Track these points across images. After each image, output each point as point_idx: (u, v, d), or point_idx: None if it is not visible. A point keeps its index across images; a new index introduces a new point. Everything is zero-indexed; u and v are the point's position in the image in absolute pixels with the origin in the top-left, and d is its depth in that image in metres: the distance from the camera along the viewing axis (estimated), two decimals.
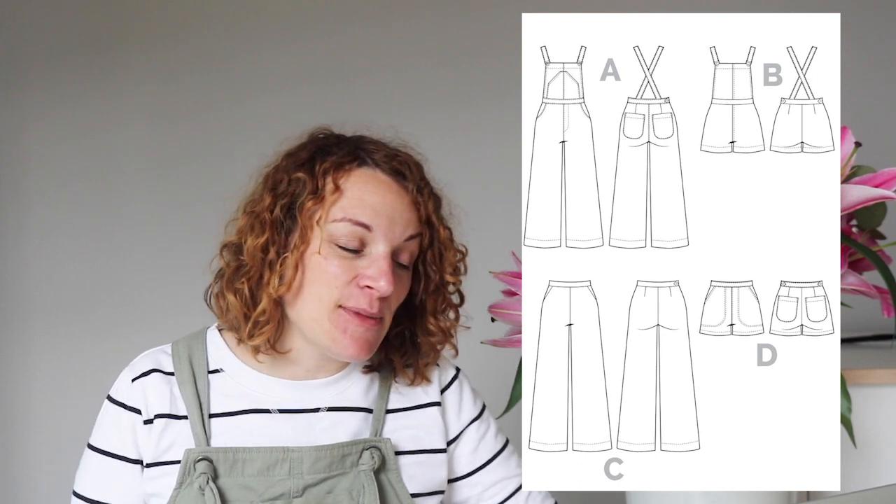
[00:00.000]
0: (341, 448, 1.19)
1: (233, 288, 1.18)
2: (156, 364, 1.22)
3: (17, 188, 2.25)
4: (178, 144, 2.26)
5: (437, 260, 1.23)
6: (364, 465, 1.19)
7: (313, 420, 1.21)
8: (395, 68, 2.26)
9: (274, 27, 2.28)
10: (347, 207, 1.16)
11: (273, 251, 1.16)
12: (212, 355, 1.23)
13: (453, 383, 1.30)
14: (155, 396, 1.19)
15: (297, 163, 1.19)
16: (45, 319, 2.25)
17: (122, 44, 2.27)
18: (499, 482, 1.29)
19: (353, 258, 1.16)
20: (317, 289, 1.16)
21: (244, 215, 1.19)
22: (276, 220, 1.17)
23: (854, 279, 1.27)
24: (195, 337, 1.25)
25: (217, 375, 1.21)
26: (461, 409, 1.29)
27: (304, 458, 1.17)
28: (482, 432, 1.30)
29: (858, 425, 1.34)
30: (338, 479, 1.18)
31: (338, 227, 1.16)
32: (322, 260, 1.16)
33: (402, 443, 1.23)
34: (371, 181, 1.18)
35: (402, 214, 1.19)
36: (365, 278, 1.16)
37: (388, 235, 1.17)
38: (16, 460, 2.25)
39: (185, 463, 1.15)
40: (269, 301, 1.16)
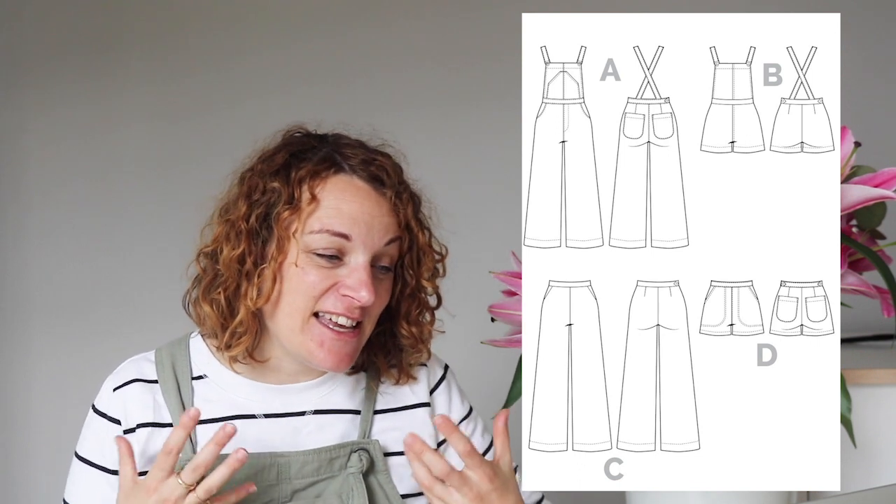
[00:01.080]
0: (329, 451, 1.18)
1: (209, 298, 1.17)
2: (138, 373, 1.20)
3: (17, 188, 2.25)
4: (179, 144, 2.26)
5: (414, 264, 1.21)
6: (353, 468, 1.18)
7: (299, 424, 1.20)
8: (395, 68, 2.26)
9: (274, 27, 2.28)
10: (324, 218, 1.14)
11: (250, 262, 1.15)
12: (195, 361, 1.22)
13: (442, 383, 1.29)
14: (135, 406, 1.18)
15: (272, 169, 1.17)
16: (45, 319, 2.25)
17: (122, 44, 2.27)
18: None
19: (331, 267, 1.15)
20: (293, 298, 1.15)
21: (220, 222, 1.18)
22: (252, 230, 1.15)
23: (854, 279, 1.27)
24: (178, 343, 1.24)
25: (201, 382, 1.21)
26: (451, 410, 1.28)
27: (291, 463, 1.16)
28: (471, 431, 1.30)
29: (858, 425, 1.34)
30: (327, 482, 1.18)
31: (315, 238, 1.14)
32: (300, 271, 1.14)
33: (390, 444, 1.22)
34: (348, 189, 1.16)
35: (381, 221, 1.17)
36: (345, 287, 1.14)
37: (367, 243, 1.15)
38: (16, 460, 2.25)
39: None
40: (246, 312, 1.15)
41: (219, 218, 1.18)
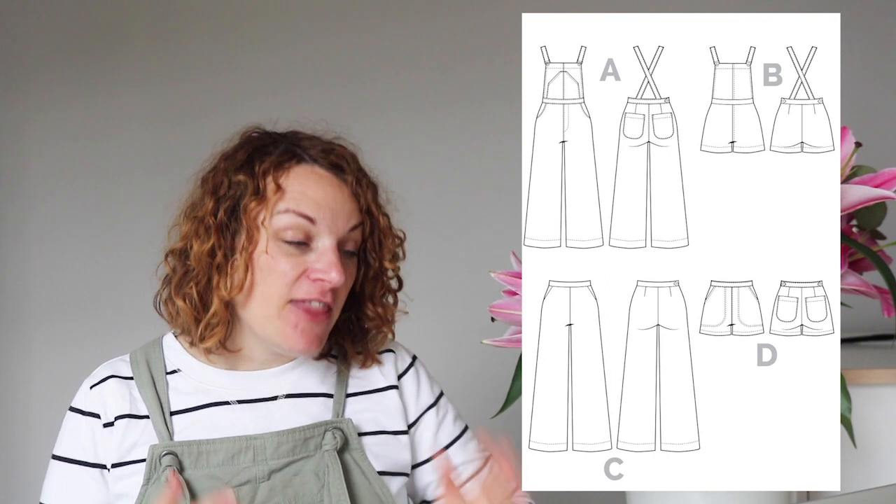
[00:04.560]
0: (303, 431, 1.21)
1: (181, 293, 1.20)
2: (113, 371, 1.25)
3: (17, 188, 2.25)
4: (178, 145, 2.25)
5: (376, 247, 1.25)
6: (327, 446, 1.21)
7: (272, 408, 1.23)
8: (394, 69, 2.26)
9: (275, 30, 2.28)
10: (290, 201, 1.18)
11: (220, 255, 1.18)
12: (168, 358, 1.26)
13: (409, 370, 1.33)
14: (113, 399, 1.22)
15: (236, 165, 1.21)
16: (45, 319, 2.25)
17: (122, 45, 2.27)
18: (459, 466, 1.31)
19: (300, 254, 1.18)
20: (266, 287, 1.18)
21: (187, 220, 1.21)
22: (221, 224, 1.19)
23: (854, 279, 1.27)
24: (151, 344, 1.28)
25: (175, 375, 1.24)
26: (419, 394, 1.32)
27: (266, 445, 1.19)
28: (441, 417, 1.32)
29: (858, 425, 1.34)
30: (303, 461, 1.20)
31: (282, 219, 1.17)
32: (270, 259, 1.18)
33: (363, 424, 1.26)
34: (311, 176, 1.21)
35: (344, 206, 1.21)
36: (315, 272, 1.18)
37: (332, 228, 1.19)
38: (16, 460, 2.25)
39: (151, 459, 1.17)
40: (220, 303, 1.18)
41: (185, 217, 1.22)
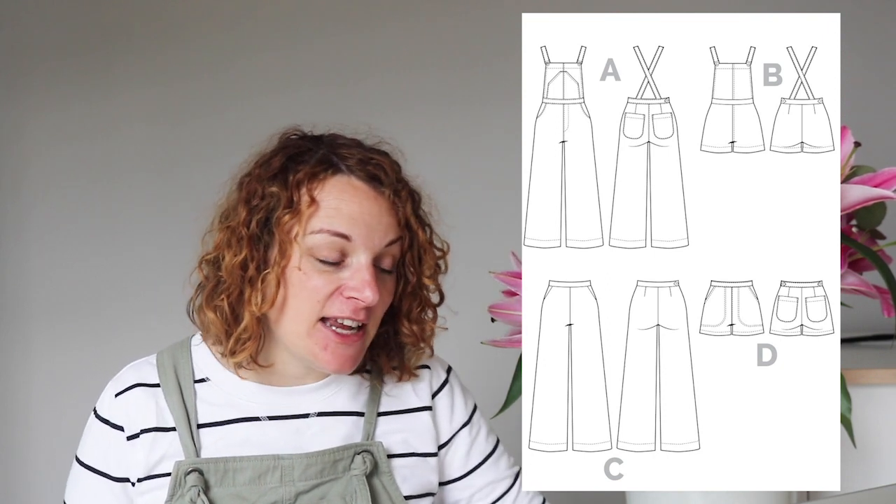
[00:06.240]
0: (332, 454, 1.18)
1: (212, 305, 1.16)
2: (139, 378, 1.20)
3: (17, 188, 2.25)
4: (179, 145, 2.26)
5: (415, 262, 1.20)
6: (356, 470, 1.18)
7: (302, 426, 1.20)
8: (394, 69, 2.26)
9: (275, 29, 2.28)
10: (324, 219, 1.14)
11: (252, 268, 1.14)
12: (197, 364, 1.22)
13: (444, 387, 1.29)
14: (138, 411, 1.18)
15: (270, 174, 1.16)
16: (45, 319, 2.25)
17: (122, 44, 2.27)
18: (489, 484, 1.29)
19: (334, 271, 1.14)
20: (299, 303, 1.14)
21: (221, 229, 1.17)
22: (254, 236, 1.14)
23: (854, 279, 1.27)
24: (180, 346, 1.24)
25: (203, 385, 1.20)
26: (453, 414, 1.28)
27: (294, 466, 1.16)
28: (473, 435, 1.29)
29: (858, 425, 1.34)
30: (330, 484, 1.17)
31: (316, 238, 1.13)
32: (303, 275, 1.14)
33: (393, 446, 1.22)
34: (347, 189, 1.15)
35: (381, 220, 1.16)
36: (349, 289, 1.14)
37: (367, 244, 1.14)
38: (16, 460, 2.25)
39: (176, 475, 1.14)
40: (251, 318, 1.14)
41: (219, 224, 1.18)
